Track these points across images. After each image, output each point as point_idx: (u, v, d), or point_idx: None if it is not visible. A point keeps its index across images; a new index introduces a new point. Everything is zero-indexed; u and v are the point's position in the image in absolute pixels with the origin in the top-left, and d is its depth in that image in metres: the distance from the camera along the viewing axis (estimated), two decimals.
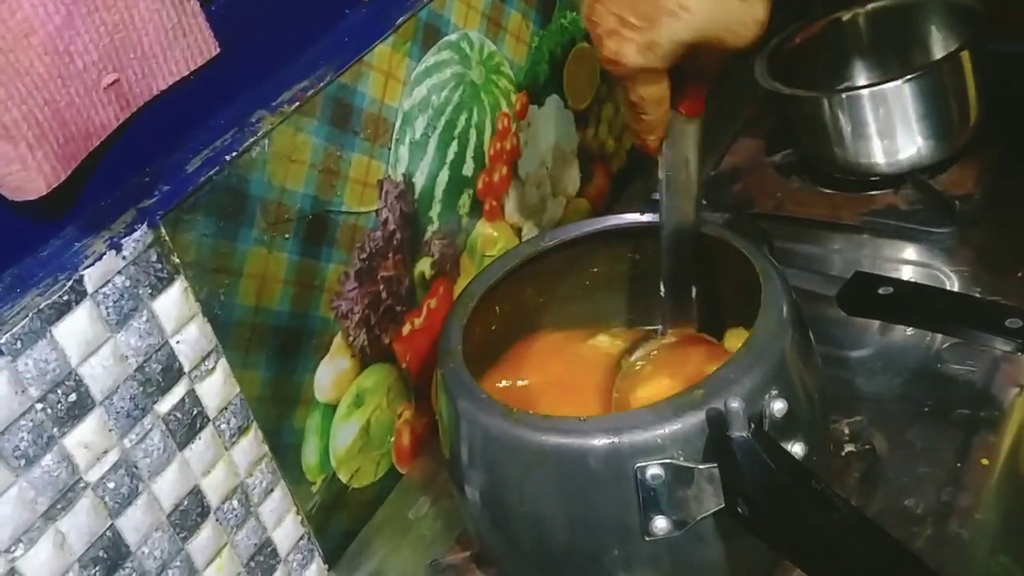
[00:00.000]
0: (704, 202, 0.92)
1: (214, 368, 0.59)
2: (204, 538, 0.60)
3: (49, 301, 0.51)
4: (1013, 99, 0.92)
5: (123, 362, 0.54)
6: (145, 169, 0.56)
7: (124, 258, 0.54)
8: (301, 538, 0.68)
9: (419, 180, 0.72)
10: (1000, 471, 0.65)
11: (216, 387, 0.60)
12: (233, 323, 0.60)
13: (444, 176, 0.74)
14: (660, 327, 0.68)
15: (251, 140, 0.59)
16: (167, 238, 0.56)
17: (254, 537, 0.64)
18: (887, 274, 0.80)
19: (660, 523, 0.53)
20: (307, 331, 0.65)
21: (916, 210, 0.85)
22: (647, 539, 0.53)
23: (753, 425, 0.51)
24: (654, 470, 0.52)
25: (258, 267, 0.61)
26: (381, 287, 0.70)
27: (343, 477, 0.70)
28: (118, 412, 0.54)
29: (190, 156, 0.58)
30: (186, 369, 0.58)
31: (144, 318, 0.55)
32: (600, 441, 0.53)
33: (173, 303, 0.56)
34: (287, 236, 0.62)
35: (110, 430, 0.54)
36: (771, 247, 0.85)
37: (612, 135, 0.95)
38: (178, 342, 0.57)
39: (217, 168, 0.58)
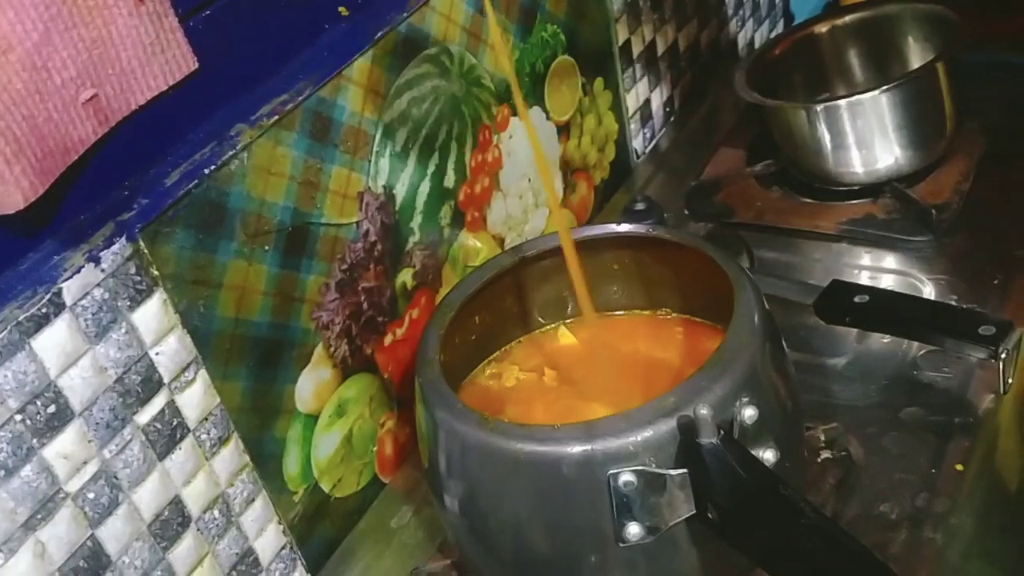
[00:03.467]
0: (687, 212, 0.94)
1: (194, 379, 0.60)
2: (185, 548, 0.61)
3: (28, 313, 0.51)
4: (989, 109, 0.93)
5: (102, 373, 0.55)
6: (124, 183, 0.57)
7: (103, 271, 0.54)
8: (283, 547, 0.68)
9: (400, 192, 0.73)
10: (975, 476, 0.66)
11: (196, 398, 0.60)
12: (213, 334, 0.61)
13: (425, 188, 0.75)
14: None
15: (230, 153, 0.60)
16: (146, 251, 0.56)
17: (236, 547, 0.64)
18: (865, 282, 0.81)
19: (633, 529, 0.53)
20: (288, 342, 0.66)
21: (894, 219, 0.86)
22: (621, 545, 0.54)
23: (723, 432, 0.51)
24: (627, 477, 0.53)
25: (238, 279, 0.62)
26: (362, 298, 0.71)
27: (325, 486, 0.71)
28: (97, 423, 0.55)
29: (169, 170, 0.59)
30: (166, 380, 0.58)
31: (123, 330, 0.56)
32: (574, 448, 0.54)
33: (152, 315, 0.57)
34: (267, 248, 0.63)
35: (89, 441, 0.55)
36: (751, 256, 0.86)
37: (595, 146, 0.96)
38: (157, 353, 0.58)
39: (196, 181, 0.58)
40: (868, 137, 0.86)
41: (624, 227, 0.69)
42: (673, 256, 0.68)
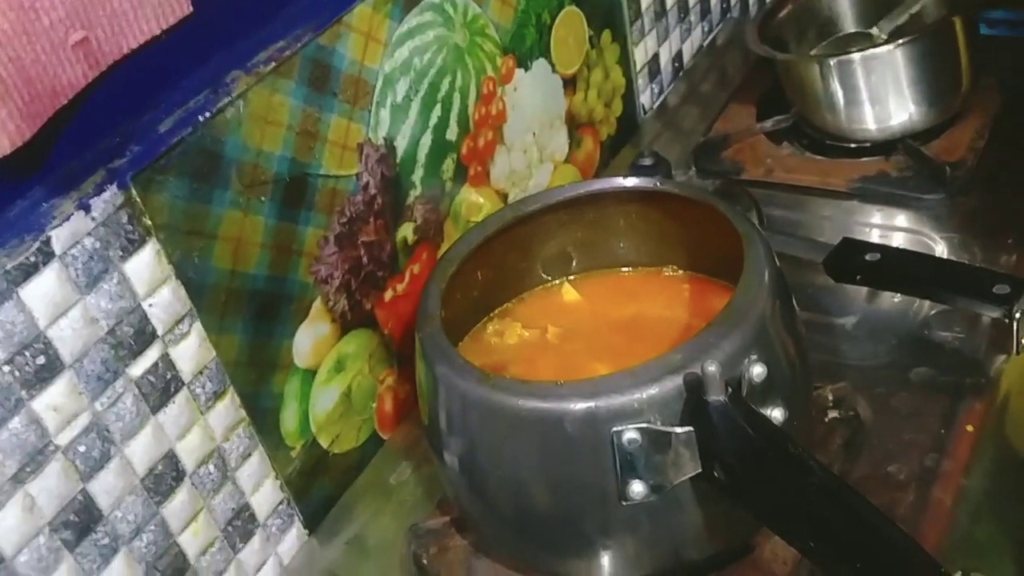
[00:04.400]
0: (693, 169, 0.92)
1: (188, 332, 0.59)
2: (179, 502, 0.60)
3: (16, 262, 0.50)
4: (1005, 65, 0.90)
5: (93, 324, 0.54)
6: (115, 129, 0.55)
7: (93, 219, 0.53)
8: (280, 503, 0.67)
9: (401, 144, 0.71)
10: (985, 437, 0.64)
11: (191, 351, 0.59)
12: (208, 286, 0.59)
13: (427, 140, 0.73)
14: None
15: (225, 101, 0.58)
16: (138, 199, 0.55)
17: (231, 502, 0.64)
18: (876, 241, 0.79)
19: (637, 488, 0.52)
20: (285, 295, 0.64)
21: (906, 176, 0.84)
22: (624, 504, 0.53)
23: (731, 389, 0.50)
24: (631, 434, 0.51)
25: (234, 230, 0.60)
26: (362, 252, 0.69)
27: (323, 442, 0.69)
28: (88, 375, 0.54)
29: (162, 117, 0.57)
30: (159, 332, 0.57)
31: (115, 280, 0.54)
32: (577, 406, 0.53)
33: (145, 265, 0.56)
34: (263, 199, 0.61)
35: (80, 393, 0.53)
36: (760, 214, 0.84)
37: (601, 101, 0.94)
38: (151, 305, 0.56)
39: (190, 129, 0.57)
40: (882, 92, 0.84)
41: (631, 181, 0.67)
42: (681, 211, 0.66)
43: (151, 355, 0.57)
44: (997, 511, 0.62)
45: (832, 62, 0.84)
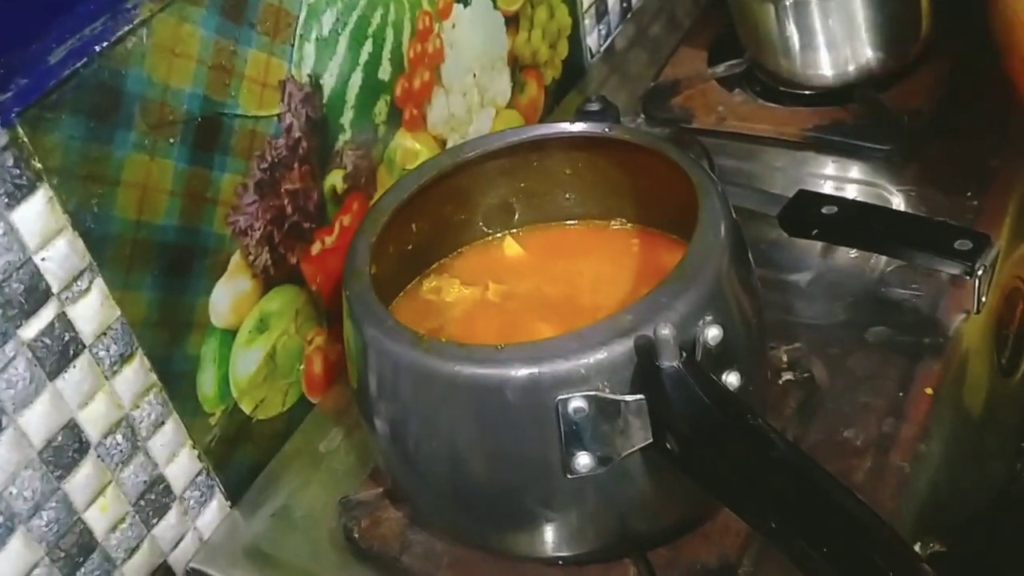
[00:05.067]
0: (641, 116, 0.87)
1: (88, 288, 0.53)
2: (83, 476, 0.55)
3: None
4: (966, 12, 0.87)
5: None
6: None
7: None
8: (199, 474, 0.62)
9: (328, 83, 0.65)
10: (944, 401, 0.62)
11: (92, 310, 0.53)
12: (110, 238, 0.53)
13: (357, 79, 0.68)
14: None
15: (126, 28, 0.52)
16: (25, 139, 0.48)
17: (143, 474, 0.58)
18: (831, 193, 0.76)
19: (583, 460, 0.48)
20: (199, 248, 0.58)
21: (863, 125, 0.81)
22: (569, 477, 0.49)
23: (684, 354, 0.46)
24: (577, 403, 0.47)
25: (139, 175, 0.54)
26: (286, 201, 0.64)
27: (246, 408, 0.64)
28: None
29: (53, 46, 0.50)
30: (55, 290, 0.51)
31: (0, 231, 0.48)
32: (519, 372, 0.48)
33: (36, 214, 0.50)
34: (172, 141, 0.55)
35: None
36: (712, 164, 0.80)
37: (546, 42, 0.89)
38: (43, 259, 0.50)
39: (85, 60, 0.50)
40: (839, 36, 0.80)
41: (578, 126, 0.63)
42: (631, 160, 0.62)
43: (45, 315, 0.51)
44: (955, 477, 0.59)
45: (788, 2, 0.80)
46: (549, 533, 0.53)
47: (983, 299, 0.63)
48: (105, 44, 0.51)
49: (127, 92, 0.53)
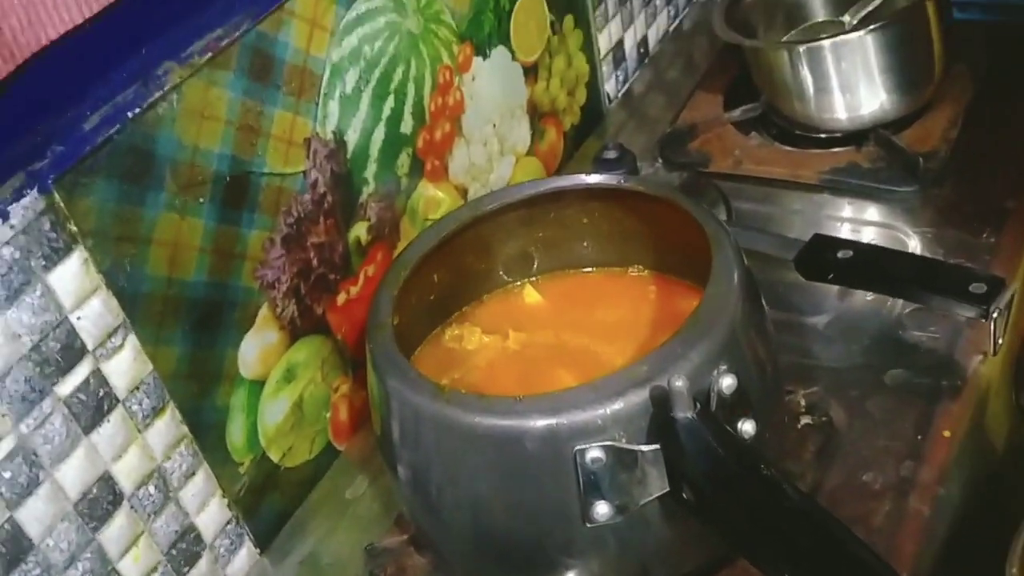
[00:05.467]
0: (659, 160, 0.89)
1: (122, 345, 0.55)
2: (117, 527, 0.56)
3: None
4: (979, 53, 0.88)
5: (15, 341, 0.50)
6: (35, 128, 0.51)
7: (12, 227, 0.49)
8: (228, 522, 0.64)
9: (352, 138, 0.67)
10: (963, 443, 0.62)
11: (125, 365, 0.55)
12: (142, 296, 0.55)
13: (380, 134, 0.70)
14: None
15: (157, 95, 0.54)
16: (62, 204, 0.51)
17: (175, 524, 0.60)
18: (848, 235, 0.77)
19: (601, 508, 0.49)
20: (228, 303, 0.60)
21: (879, 168, 0.81)
22: (588, 525, 0.50)
23: (699, 405, 0.47)
24: (595, 453, 0.48)
25: (170, 234, 0.56)
26: (312, 254, 0.66)
27: (274, 456, 0.66)
28: (12, 396, 0.50)
29: (87, 113, 0.52)
30: (90, 347, 0.53)
31: (38, 292, 0.50)
32: (537, 423, 0.49)
33: (72, 275, 0.52)
34: (202, 200, 0.57)
35: (3, 415, 0.49)
36: (728, 207, 0.81)
37: (564, 89, 0.91)
38: (79, 318, 0.52)
39: (118, 126, 0.53)
40: (852, 80, 0.81)
41: (594, 178, 0.64)
42: (647, 209, 0.63)
43: (81, 371, 0.53)
44: (974, 521, 0.60)
45: (801, 49, 0.81)
46: None
47: (999, 341, 0.63)
48: (138, 110, 0.53)
49: (158, 155, 0.55)
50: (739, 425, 0.50)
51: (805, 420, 0.64)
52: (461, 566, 0.59)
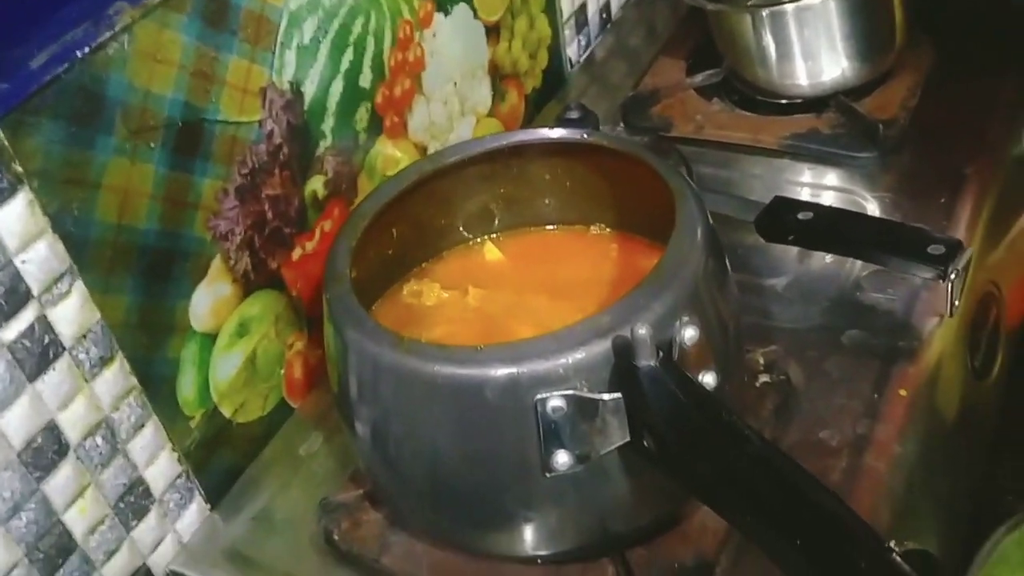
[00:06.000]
0: (621, 125, 0.88)
1: (69, 291, 0.53)
2: (63, 477, 0.55)
3: None
4: (939, 22, 0.89)
5: None
6: None
7: None
8: (178, 476, 0.62)
9: (309, 89, 0.66)
10: (919, 403, 0.63)
11: (72, 312, 0.53)
12: (90, 242, 0.53)
13: (338, 86, 0.68)
14: None
15: (108, 35, 0.52)
16: (6, 143, 0.49)
17: (123, 476, 0.58)
18: (807, 200, 0.77)
19: (562, 458, 0.49)
20: (180, 252, 0.59)
21: (839, 134, 0.82)
22: (548, 475, 0.49)
23: (662, 354, 0.47)
24: (556, 402, 0.48)
25: (120, 180, 0.54)
26: (266, 206, 0.64)
27: (226, 411, 0.64)
28: None
29: (35, 51, 0.50)
30: (35, 292, 0.51)
31: None
32: (498, 372, 0.49)
33: (16, 217, 0.50)
34: (153, 146, 0.56)
35: None
36: (690, 171, 0.81)
37: (526, 52, 0.90)
38: (24, 262, 0.50)
39: (67, 65, 0.51)
40: (815, 46, 0.81)
41: (558, 132, 0.63)
42: (610, 166, 0.63)
43: (25, 317, 0.51)
44: (930, 479, 0.60)
45: (765, 13, 0.81)
46: (528, 532, 0.54)
47: (956, 303, 0.64)
48: (87, 50, 0.51)
49: (108, 97, 0.53)
50: (700, 377, 0.50)
51: (763, 378, 0.64)
52: (418, 519, 0.58)
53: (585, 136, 0.63)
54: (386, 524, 0.60)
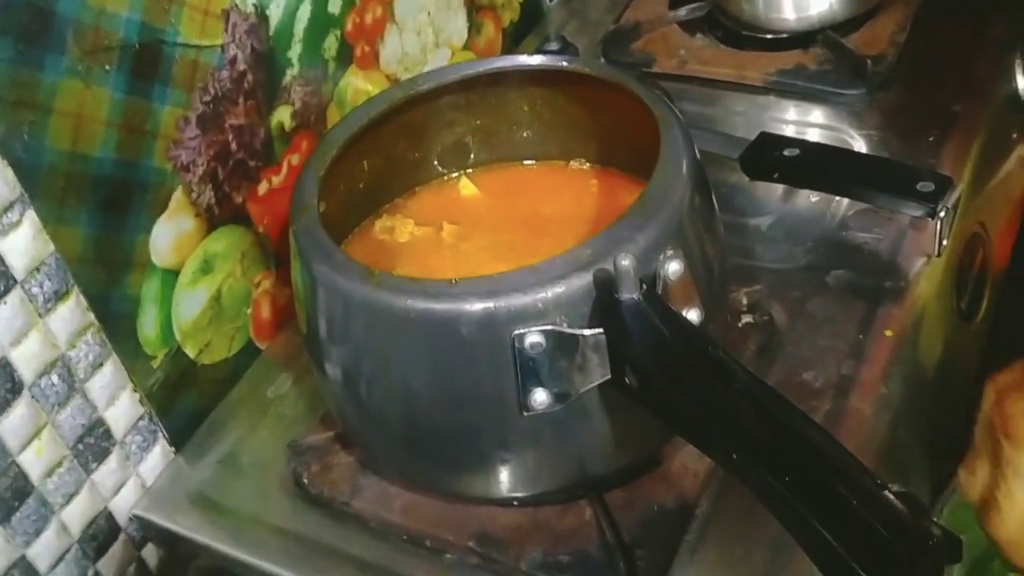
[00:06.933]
0: (601, 60, 0.85)
1: (20, 221, 0.50)
2: (17, 417, 0.52)
3: None
4: None
5: None
6: None
7: None
8: (140, 418, 0.60)
9: (274, 14, 0.62)
10: (904, 344, 0.61)
11: (23, 243, 0.51)
12: (42, 169, 0.50)
13: (305, 11, 0.65)
14: None
15: None
16: None
17: (81, 417, 0.56)
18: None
19: (540, 396, 0.47)
20: (139, 183, 0.56)
21: (826, 70, 0.79)
22: (525, 414, 0.47)
23: (645, 287, 0.45)
24: (534, 338, 0.46)
25: (72, 103, 0.51)
26: (230, 137, 0.61)
27: (190, 351, 0.62)
28: None
29: None
30: None
31: None
32: (473, 306, 0.46)
33: None
34: (108, 68, 0.52)
35: None
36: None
37: None
38: None
39: None
40: None
41: (537, 59, 0.61)
42: (592, 96, 0.60)
43: None
44: (915, 420, 0.59)
45: None
46: (504, 474, 0.52)
47: (944, 242, 0.62)
48: None
49: (59, 14, 0.50)
50: (684, 312, 0.47)
51: (747, 319, 0.62)
52: (391, 461, 0.56)
53: (566, 64, 0.60)
54: (357, 467, 0.58)
